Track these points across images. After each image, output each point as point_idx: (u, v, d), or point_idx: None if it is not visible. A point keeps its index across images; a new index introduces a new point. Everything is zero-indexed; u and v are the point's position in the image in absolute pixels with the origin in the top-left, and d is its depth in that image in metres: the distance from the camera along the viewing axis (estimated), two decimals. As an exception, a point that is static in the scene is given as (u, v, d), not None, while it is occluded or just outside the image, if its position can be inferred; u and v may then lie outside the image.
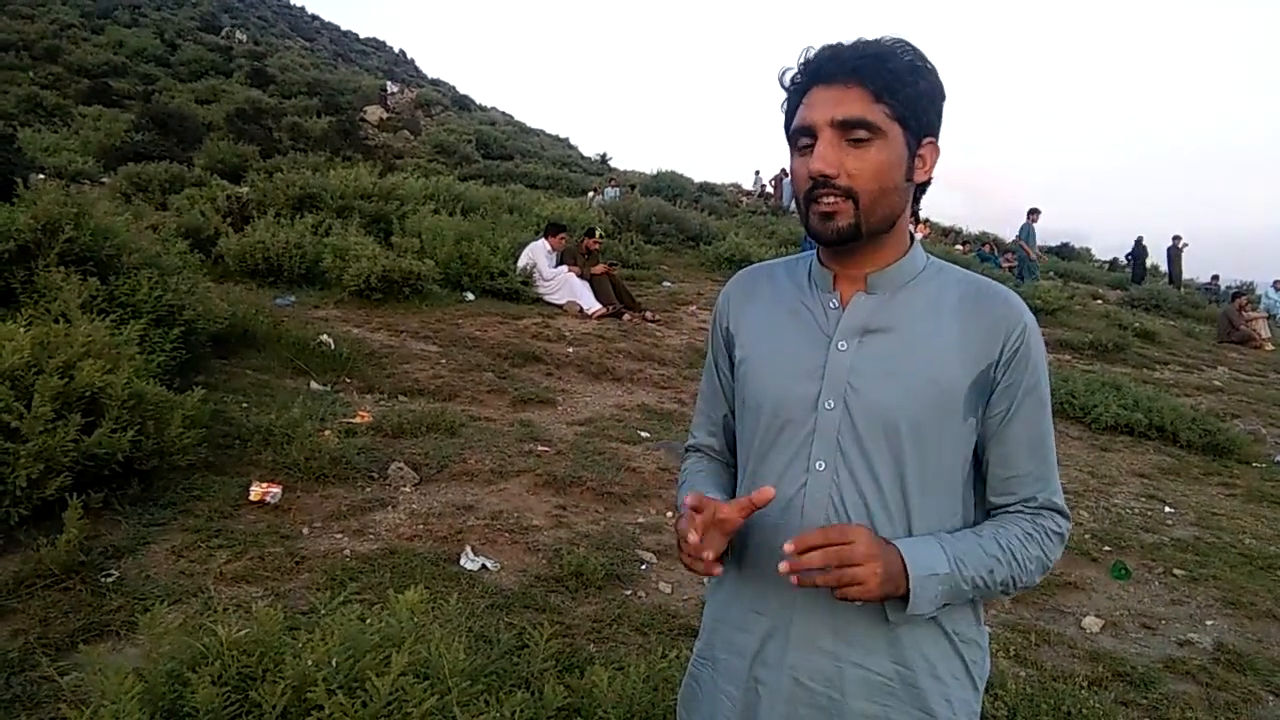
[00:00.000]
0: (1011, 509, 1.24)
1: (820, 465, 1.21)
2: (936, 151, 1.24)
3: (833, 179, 1.15)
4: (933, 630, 1.21)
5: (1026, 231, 18.04)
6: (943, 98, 1.21)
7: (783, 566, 1.10)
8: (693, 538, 1.15)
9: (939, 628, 1.21)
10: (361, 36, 66.65)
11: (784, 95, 1.24)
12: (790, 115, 1.23)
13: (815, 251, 1.32)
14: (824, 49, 1.18)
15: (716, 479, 1.42)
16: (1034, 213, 18.05)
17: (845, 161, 1.15)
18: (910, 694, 1.20)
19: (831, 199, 1.16)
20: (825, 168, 1.15)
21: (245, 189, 11.71)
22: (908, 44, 1.18)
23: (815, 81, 1.18)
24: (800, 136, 1.19)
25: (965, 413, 1.20)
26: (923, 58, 1.18)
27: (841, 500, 1.20)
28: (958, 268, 1.28)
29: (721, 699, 1.31)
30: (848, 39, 1.19)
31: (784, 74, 1.23)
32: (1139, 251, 23.58)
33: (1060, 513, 1.24)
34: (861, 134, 1.15)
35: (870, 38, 1.19)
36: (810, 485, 1.21)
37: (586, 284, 9.93)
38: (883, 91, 1.15)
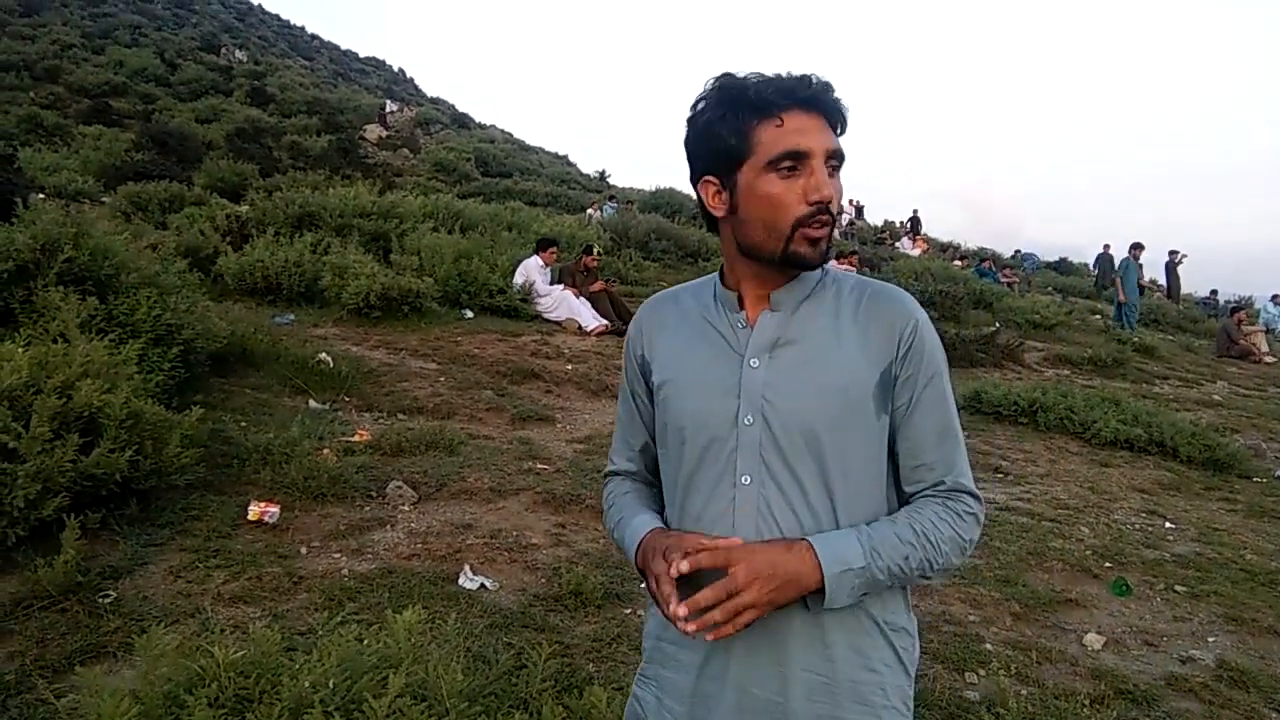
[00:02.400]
0: (924, 494, 1.29)
1: (746, 480, 1.25)
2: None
3: (830, 206, 1.22)
4: (865, 623, 1.26)
5: (1125, 267, 15.06)
6: None
7: (689, 628, 1.16)
8: (680, 610, 1.18)
9: (871, 620, 1.27)
10: (361, 55, 67.14)
11: (727, 111, 1.24)
12: (744, 133, 1.22)
13: (718, 273, 1.37)
14: (802, 78, 1.22)
15: (644, 498, 1.45)
16: (1137, 247, 15.32)
17: None
18: (848, 689, 1.25)
19: (825, 226, 1.23)
20: (833, 195, 1.22)
21: (245, 208, 11.74)
22: None
23: (796, 106, 1.21)
24: (786, 160, 1.20)
25: (877, 411, 1.26)
26: None
27: (770, 511, 1.24)
28: (851, 275, 1.35)
29: (666, 717, 1.34)
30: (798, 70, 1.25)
31: (750, 90, 1.21)
32: (1112, 263, 23.11)
33: (970, 494, 1.29)
34: (836, 164, 1.25)
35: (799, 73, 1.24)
36: (739, 500, 1.25)
37: (585, 301, 9.96)
38: (841, 126, 1.26)
